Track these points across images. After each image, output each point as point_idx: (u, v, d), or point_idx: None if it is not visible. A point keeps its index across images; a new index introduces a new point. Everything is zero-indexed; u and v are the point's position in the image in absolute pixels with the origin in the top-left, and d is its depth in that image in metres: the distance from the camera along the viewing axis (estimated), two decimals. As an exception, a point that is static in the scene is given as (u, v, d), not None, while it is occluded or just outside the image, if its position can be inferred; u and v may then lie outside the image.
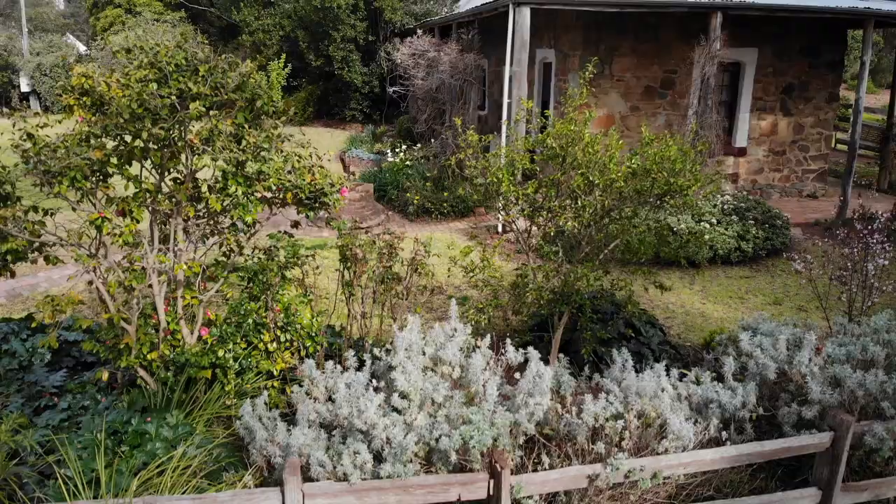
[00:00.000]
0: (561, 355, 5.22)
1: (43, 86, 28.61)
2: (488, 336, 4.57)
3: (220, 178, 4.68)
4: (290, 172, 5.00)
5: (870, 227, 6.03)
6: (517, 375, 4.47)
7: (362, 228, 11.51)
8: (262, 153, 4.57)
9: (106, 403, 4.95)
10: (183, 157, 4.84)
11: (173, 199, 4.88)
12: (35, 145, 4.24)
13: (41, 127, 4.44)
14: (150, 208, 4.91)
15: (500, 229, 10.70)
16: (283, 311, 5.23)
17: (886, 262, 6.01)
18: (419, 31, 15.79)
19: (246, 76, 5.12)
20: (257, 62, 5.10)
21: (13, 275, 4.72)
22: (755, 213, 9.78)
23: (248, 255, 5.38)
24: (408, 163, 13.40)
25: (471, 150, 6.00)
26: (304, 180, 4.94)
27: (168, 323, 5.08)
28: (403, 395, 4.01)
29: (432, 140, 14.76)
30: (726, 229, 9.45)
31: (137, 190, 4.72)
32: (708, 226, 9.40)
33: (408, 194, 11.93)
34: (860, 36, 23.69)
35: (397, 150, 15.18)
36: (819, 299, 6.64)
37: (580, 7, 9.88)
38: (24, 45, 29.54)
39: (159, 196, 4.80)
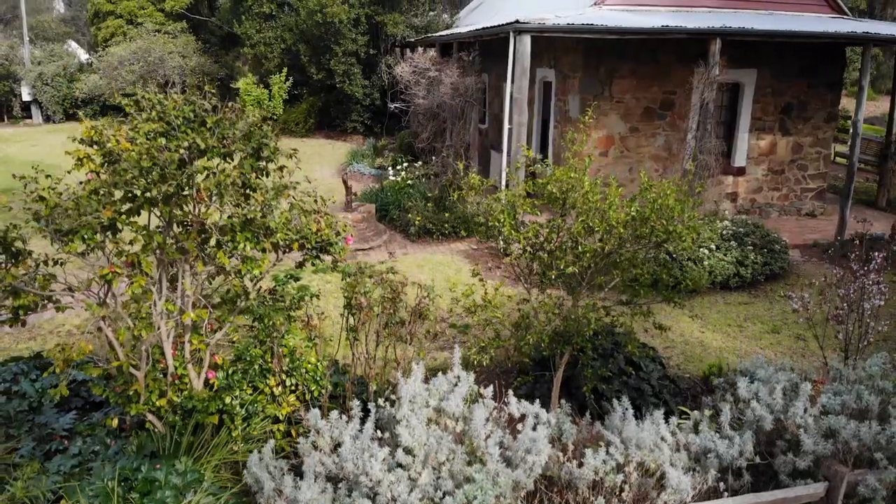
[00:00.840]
0: (563, 402, 5.32)
1: (44, 95, 28.74)
2: (491, 386, 4.66)
3: (228, 229, 4.77)
4: (296, 218, 5.11)
5: (866, 268, 6.11)
6: (520, 426, 4.57)
7: (363, 249, 11.62)
8: (270, 209, 4.66)
9: (115, 448, 5.04)
10: (191, 206, 4.93)
11: (182, 248, 4.97)
12: (46, 207, 4.32)
13: (53, 187, 4.50)
14: (158, 256, 5.00)
15: (502, 249, 10.78)
16: (289, 355, 5.33)
17: (882, 303, 6.10)
18: (420, 49, 15.87)
19: (253, 126, 5.23)
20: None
21: (24, 324, 4.82)
22: (754, 238, 9.87)
23: (255, 298, 5.47)
24: (409, 182, 13.49)
25: (472, 192, 6.11)
26: (310, 229, 5.04)
27: (176, 367, 5.17)
28: (408, 451, 4.10)
29: (433, 158, 14.86)
30: (725, 255, 9.55)
31: (146, 242, 4.81)
32: (707, 252, 9.50)
33: (409, 215, 12.02)
34: (860, 48, 23.76)
35: (398, 167, 15.28)
36: (817, 339, 6.73)
37: (580, 35, 9.97)
38: (26, 55, 29.66)
39: (167, 244, 4.89)
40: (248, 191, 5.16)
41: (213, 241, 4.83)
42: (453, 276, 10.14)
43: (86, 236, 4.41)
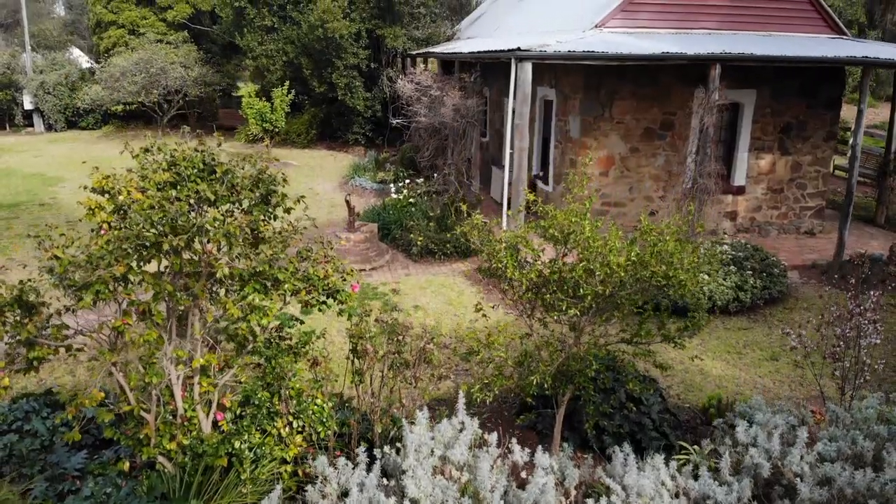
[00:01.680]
0: (565, 444, 5.42)
1: (46, 104, 28.87)
2: (494, 433, 4.77)
3: (237, 279, 4.87)
4: (303, 260, 5.22)
5: (861, 307, 6.21)
6: (524, 474, 4.67)
7: (366, 270, 11.71)
8: (278, 260, 4.76)
9: (126, 490, 5.15)
10: (201, 252, 5.03)
11: (192, 294, 5.08)
12: (60, 265, 4.42)
13: (66, 246, 4.60)
14: (167, 303, 5.11)
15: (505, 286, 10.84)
16: (296, 397, 5.43)
17: (878, 341, 6.20)
18: (422, 65, 15.97)
19: (261, 172, 5.34)
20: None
21: (37, 371, 4.93)
22: (753, 262, 9.98)
23: (262, 340, 5.57)
24: (411, 200, 13.60)
25: (476, 233, 6.21)
26: (318, 276, 5.14)
27: (185, 409, 5.28)
28: (414, 502, 4.21)
29: (435, 174, 14.96)
30: (725, 280, 9.65)
31: (157, 291, 4.91)
32: (707, 277, 9.60)
33: (411, 235, 12.12)
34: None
35: (400, 183, 15.38)
36: (816, 378, 6.85)
37: (581, 62, 10.07)
38: (28, 63, 29.77)
39: (178, 294, 4.99)
40: (257, 233, 5.28)
41: (222, 292, 4.93)
42: (455, 300, 10.25)
43: (100, 290, 4.51)
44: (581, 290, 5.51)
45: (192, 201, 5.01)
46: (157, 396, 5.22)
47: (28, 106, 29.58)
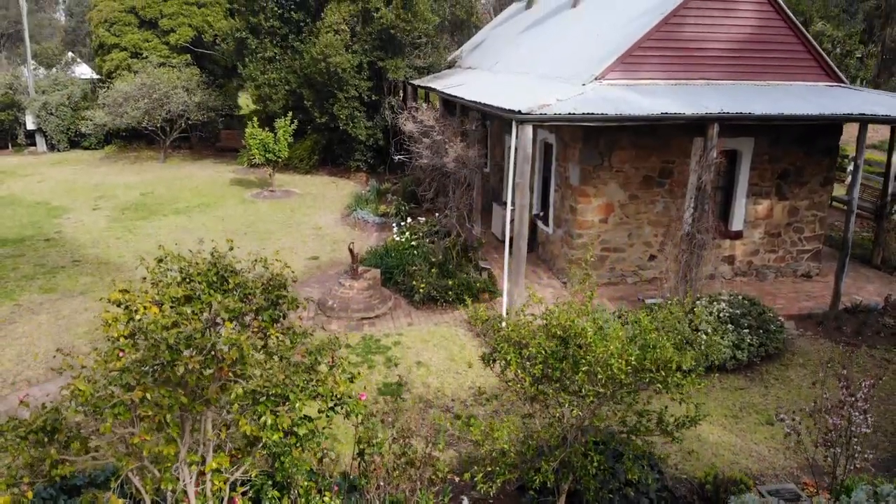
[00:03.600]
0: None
1: (49, 124, 29.02)
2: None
3: (249, 396, 5.02)
4: (311, 370, 5.38)
5: (854, 396, 6.37)
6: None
7: (369, 318, 11.86)
8: (289, 378, 4.92)
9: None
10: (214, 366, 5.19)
11: (206, 401, 5.24)
12: (83, 396, 4.58)
13: (83, 369, 4.76)
14: (182, 413, 5.27)
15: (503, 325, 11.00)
16: (304, 496, 5.60)
17: (869, 430, 6.36)
18: (424, 105, 16.14)
19: (271, 279, 5.51)
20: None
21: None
22: (750, 319, 10.14)
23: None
24: (413, 242, 13.75)
25: (479, 322, 6.38)
26: (325, 386, 5.30)
27: (198, 508, 5.44)
28: None
29: (436, 214, 15.13)
30: (722, 338, 9.82)
31: (172, 402, 5.06)
32: (704, 336, 9.77)
33: (413, 282, 12.28)
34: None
35: (402, 222, 15.56)
36: (811, 467, 7.01)
37: (581, 123, 10.24)
38: (30, 83, 29.92)
39: (192, 404, 5.15)
40: (267, 336, 5.45)
41: (235, 406, 5.10)
42: (458, 354, 10.40)
43: (119, 412, 4.67)
44: (583, 390, 5.67)
45: (205, 315, 5.17)
46: (172, 496, 5.38)
47: (31, 126, 29.73)
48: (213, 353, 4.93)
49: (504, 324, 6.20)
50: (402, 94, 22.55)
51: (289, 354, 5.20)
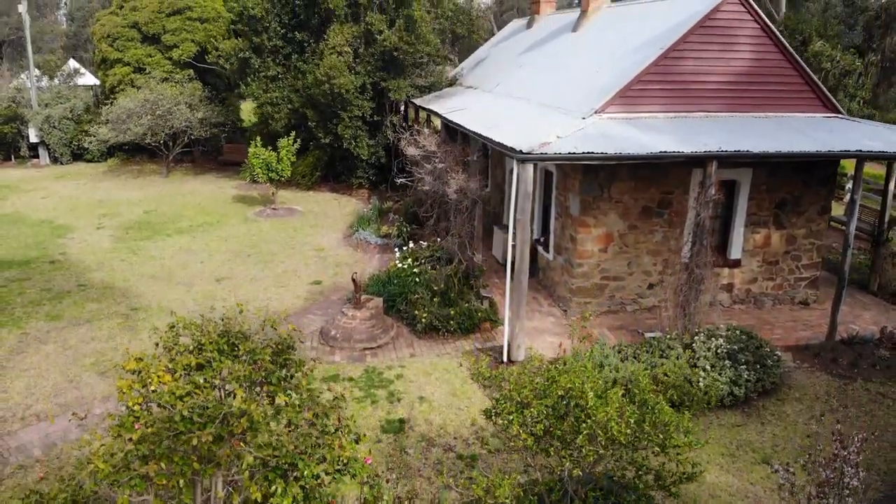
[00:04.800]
0: None
1: (52, 138, 29.17)
2: None
3: (258, 465, 5.18)
4: (318, 438, 5.53)
5: (846, 453, 6.51)
6: None
7: (372, 349, 12.01)
8: (298, 448, 5.08)
9: None
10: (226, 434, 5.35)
11: (217, 464, 5.40)
12: (102, 472, 4.73)
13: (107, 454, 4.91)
14: (195, 477, 5.43)
15: (505, 359, 11.16)
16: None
17: (858, 483, 6.51)
18: (426, 130, 16.32)
19: (280, 343, 5.67)
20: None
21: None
22: (747, 355, 10.30)
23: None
24: (415, 269, 13.91)
25: (482, 379, 6.52)
26: (331, 449, 5.46)
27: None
28: None
29: (438, 239, 15.29)
30: (720, 375, 9.97)
31: (185, 470, 5.22)
32: (703, 372, 9.93)
33: (416, 311, 12.44)
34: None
35: (404, 245, 15.73)
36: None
37: (581, 161, 10.40)
38: (33, 97, 30.08)
39: (205, 468, 5.31)
40: (275, 400, 5.61)
41: (245, 474, 5.25)
42: (460, 389, 10.54)
43: (136, 484, 4.83)
44: (583, 451, 5.83)
45: (216, 381, 5.34)
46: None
47: (33, 139, 29.88)
48: (225, 422, 5.10)
49: (506, 382, 6.35)
50: (403, 110, 22.73)
51: (297, 420, 5.35)
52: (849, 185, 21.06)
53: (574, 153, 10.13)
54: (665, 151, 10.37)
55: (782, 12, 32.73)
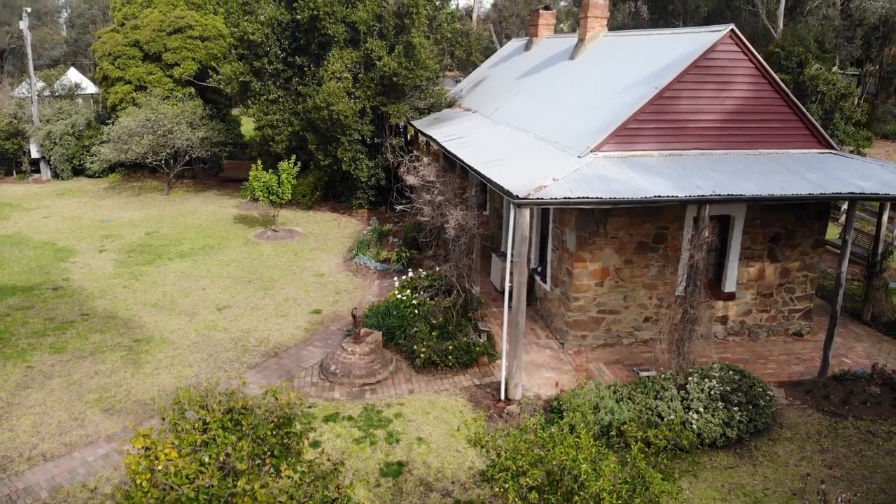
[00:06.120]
0: None
1: (53, 153, 29.35)
2: None
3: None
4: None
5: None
6: None
7: (371, 384, 12.20)
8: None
9: None
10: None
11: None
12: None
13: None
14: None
15: (502, 397, 11.36)
16: None
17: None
18: (426, 159, 16.53)
19: (282, 416, 5.86)
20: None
21: None
22: (739, 396, 10.48)
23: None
24: (414, 301, 14.10)
25: (477, 445, 6.72)
26: (329, 497, 5.66)
27: None
28: None
29: (437, 267, 15.48)
30: (713, 416, 10.17)
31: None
32: (696, 415, 10.13)
33: (415, 346, 12.63)
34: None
35: (404, 276, 15.92)
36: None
37: (578, 205, 10.60)
38: (34, 112, 30.25)
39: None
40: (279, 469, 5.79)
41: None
42: (457, 429, 10.72)
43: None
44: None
45: (222, 458, 5.53)
46: None
47: (35, 154, 30.07)
48: (230, 501, 5.30)
49: (501, 452, 6.53)
50: (404, 128, 22.93)
51: (299, 495, 5.54)
52: (844, 206, 21.28)
53: (569, 198, 10.32)
54: (660, 196, 10.57)
55: (780, 28, 32.97)
